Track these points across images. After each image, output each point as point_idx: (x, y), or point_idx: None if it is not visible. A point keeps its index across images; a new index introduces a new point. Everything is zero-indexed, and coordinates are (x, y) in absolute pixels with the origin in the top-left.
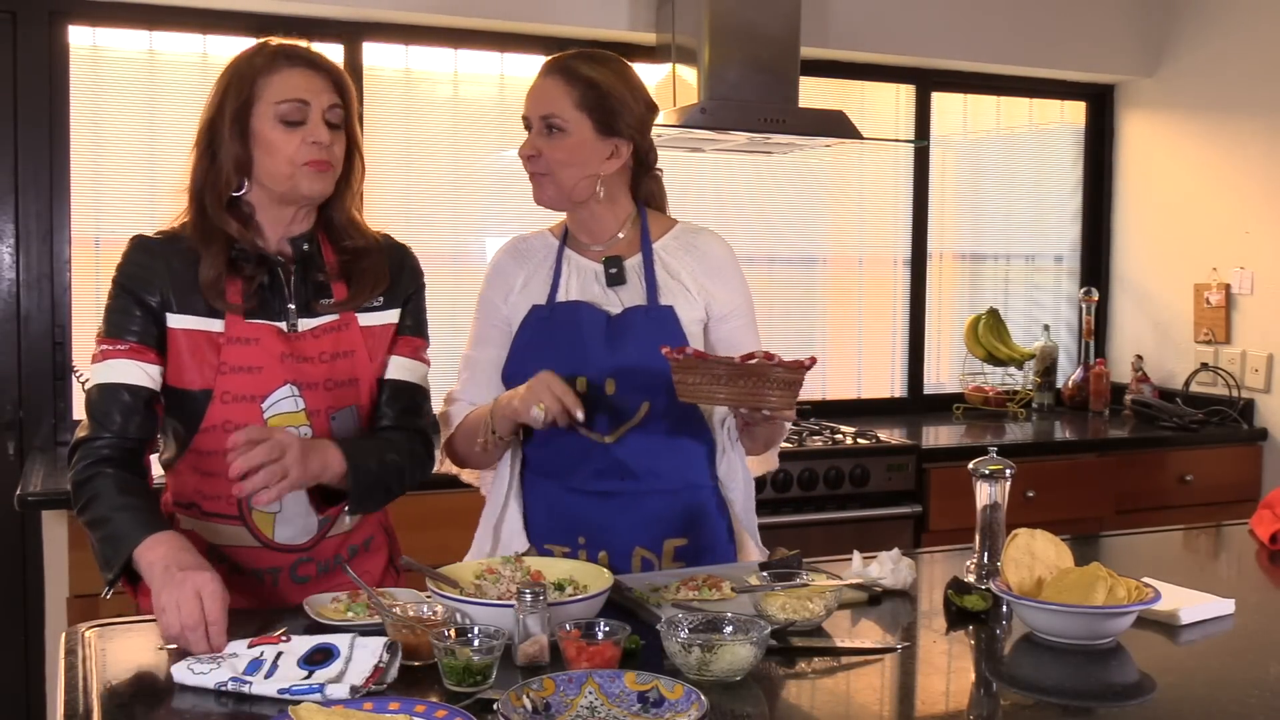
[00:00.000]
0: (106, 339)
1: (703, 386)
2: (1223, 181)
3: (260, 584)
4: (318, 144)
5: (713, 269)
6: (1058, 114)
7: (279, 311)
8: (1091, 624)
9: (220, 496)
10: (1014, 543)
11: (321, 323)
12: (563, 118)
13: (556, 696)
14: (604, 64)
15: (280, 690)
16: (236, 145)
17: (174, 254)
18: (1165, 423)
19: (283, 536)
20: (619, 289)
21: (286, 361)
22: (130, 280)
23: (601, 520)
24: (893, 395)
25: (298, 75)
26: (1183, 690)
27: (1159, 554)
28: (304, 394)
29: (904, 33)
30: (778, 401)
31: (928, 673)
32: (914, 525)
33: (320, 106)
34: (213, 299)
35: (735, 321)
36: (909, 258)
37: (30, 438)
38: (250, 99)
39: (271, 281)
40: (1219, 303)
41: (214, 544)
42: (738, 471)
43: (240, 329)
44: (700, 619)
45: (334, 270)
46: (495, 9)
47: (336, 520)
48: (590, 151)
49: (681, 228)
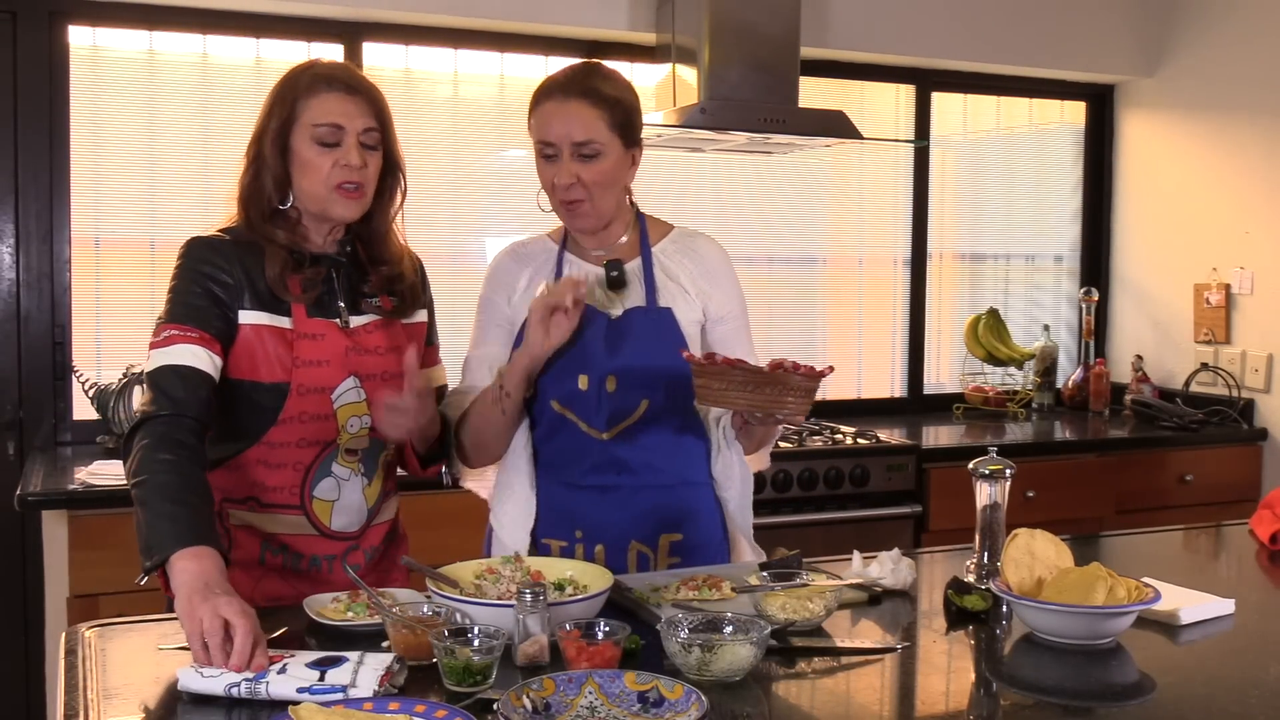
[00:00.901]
0: (174, 324)
1: (723, 391)
2: (1223, 181)
3: (317, 570)
4: (349, 166)
5: (710, 272)
6: (1058, 114)
7: (332, 309)
8: (1091, 624)
9: (283, 487)
10: (1014, 543)
11: (370, 320)
12: (600, 142)
13: (556, 696)
14: (611, 78)
15: (300, 689)
16: (276, 163)
17: (241, 251)
18: (1165, 423)
19: (338, 524)
20: (619, 291)
21: (350, 355)
22: (203, 271)
23: (598, 514)
24: (893, 395)
25: (335, 99)
26: (1183, 690)
27: (1159, 554)
28: (365, 385)
29: (904, 33)
30: (794, 408)
31: (928, 673)
32: (914, 525)
33: (355, 130)
34: (279, 290)
35: (731, 324)
36: (909, 258)
37: (30, 438)
38: (291, 118)
39: (324, 279)
40: (1219, 303)
41: (273, 533)
42: (734, 470)
43: (306, 325)
44: (700, 619)
45: (376, 284)
46: (495, 9)
47: (382, 509)
48: (621, 168)
49: (679, 232)
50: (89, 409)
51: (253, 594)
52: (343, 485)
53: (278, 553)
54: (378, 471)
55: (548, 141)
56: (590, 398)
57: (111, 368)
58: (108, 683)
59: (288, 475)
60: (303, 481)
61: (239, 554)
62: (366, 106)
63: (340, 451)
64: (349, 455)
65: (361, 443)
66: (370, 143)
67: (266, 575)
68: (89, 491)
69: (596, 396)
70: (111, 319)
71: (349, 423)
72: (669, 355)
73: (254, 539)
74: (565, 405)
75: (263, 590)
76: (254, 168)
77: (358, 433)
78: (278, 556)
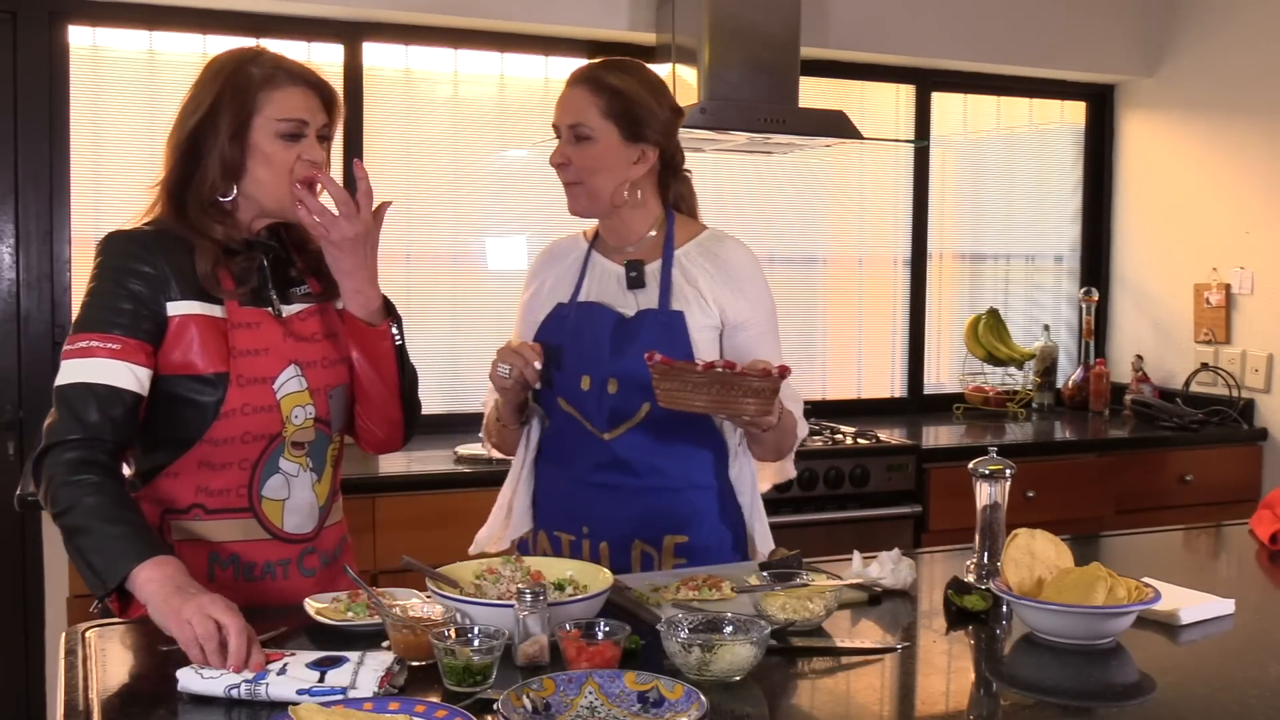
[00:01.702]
0: (89, 333)
1: (679, 393)
2: (1223, 181)
3: (272, 578)
4: (312, 161)
5: (730, 278)
6: (1058, 114)
7: (264, 297)
8: (1091, 624)
9: (230, 489)
10: (1014, 543)
11: (303, 307)
12: (590, 126)
13: (556, 696)
14: (628, 71)
15: (299, 691)
16: (234, 152)
17: (166, 245)
18: (1165, 423)
19: (290, 525)
20: (638, 292)
21: (288, 341)
22: (125, 267)
23: (603, 512)
24: (893, 395)
25: (298, 95)
26: (1183, 690)
27: (1159, 554)
28: (306, 373)
29: (904, 33)
30: (754, 409)
31: (928, 673)
32: (914, 525)
33: (315, 125)
34: (209, 285)
35: (751, 331)
36: (909, 258)
37: (30, 438)
38: (250, 111)
39: (259, 268)
40: (1219, 303)
41: (221, 543)
42: (746, 475)
43: (239, 314)
44: (700, 619)
45: (303, 267)
46: (495, 9)
47: (332, 510)
48: (617, 158)
49: (708, 235)
50: None
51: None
52: (292, 482)
53: (226, 565)
54: (326, 468)
55: (555, 124)
56: (592, 398)
57: None
58: (107, 682)
59: (233, 475)
60: (250, 480)
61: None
62: (322, 102)
63: (286, 445)
64: (295, 449)
65: (308, 435)
66: (325, 135)
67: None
68: None
69: (598, 397)
70: None
71: (293, 413)
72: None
73: (200, 554)
74: (571, 404)
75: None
76: (192, 158)
77: (303, 424)
78: (227, 569)
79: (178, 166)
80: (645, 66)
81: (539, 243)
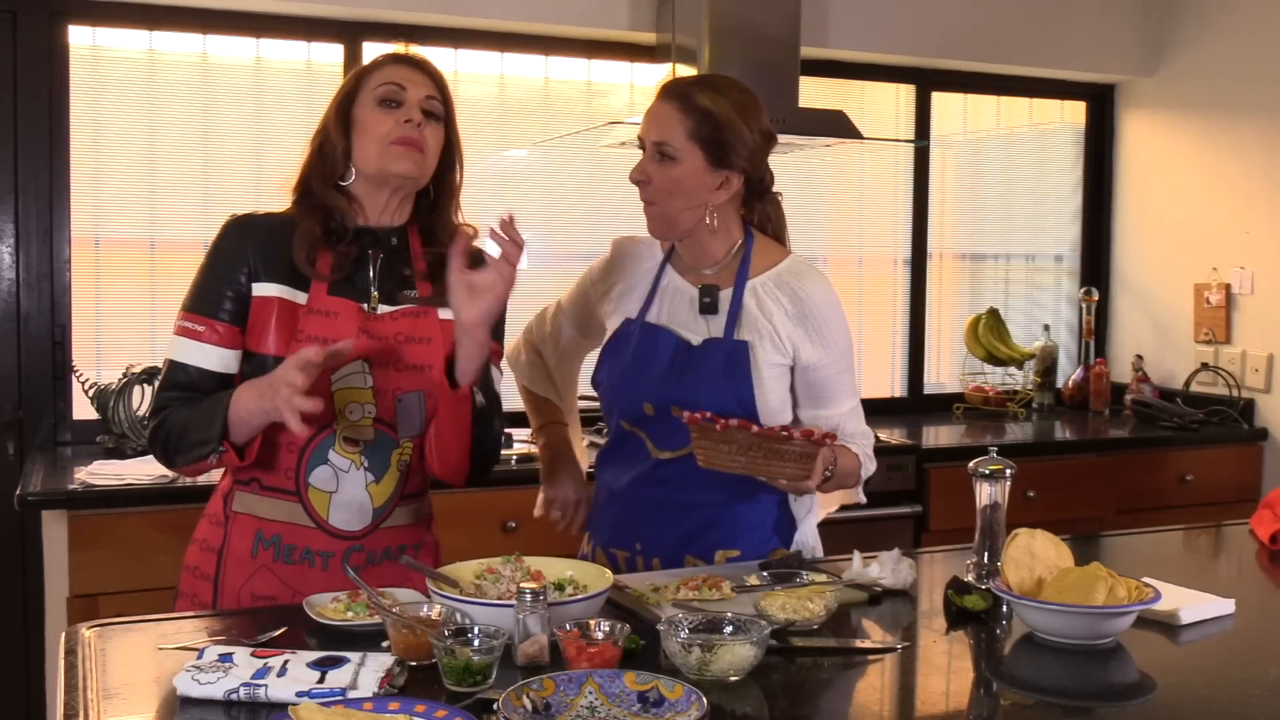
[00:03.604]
0: (190, 314)
1: (715, 453)
2: (1223, 181)
3: (309, 567)
4: (410, 122)
5: (807, 316)
6: (1058, 114)
7: (362, 291)
8: (1092, 624)
9: (280, 469)
10: (1014, 543)
11: (401, 308)
12: (674, 146)
13: (556, 696)
14: (721, 92)
15: (299, 693)
16: (341, 136)
17: (268, 227)
18: (1165, 423)
19: (337, 520)
20: (709, 318)
21: (362, 337)
22: (220, 256)
23: (653, 527)
24: (893, 395)
25: (399, 68)
26: (1183, 690)
27: (1159, 554)
28: (374, 371)
29: (904, 32)
30: (793, 472)
31: (928, 673)
32: (914, 525)
33: (416, 95)
34: (302, 265)
35: (825, 371)
36: (909, 258)
37: (30, 438)
38: (355, 91)
39: (360, 260)
40: (1219, 302)
41: (268, 520)
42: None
43: (322, 301)
44: (700, 619)
45: (421, 270)
46: (495, 9)
47: (393, 514)
48: (699, 182)
49: (788, 265)
50: (89, 409)
51: (242, 590)
52: (341, 477)
53: (269, 544)
54: (390, 471)
55: (639, 137)
56: (658, 422)
57: (111, 367)
58: (108, 683)
59: (284, 455)
60: (297, 465)
61: (234, 545)
62: (428, 79)
63: (338, 439)
64: (348, 445)
65: (364, 433)
66: (432, 110)
67: (258, 571)
68: (89, 491)
69: (664, 421)
70: (111, 319)
71: (348, 408)
72: (734, 391)
73: (249, 530)
74: (635, 425)
75: (252, 587)
76: (318, 145)
77: (359, 421)
78: (269, 549)
79: (308, 161)
80: (741, 86)
81: (540, 244)
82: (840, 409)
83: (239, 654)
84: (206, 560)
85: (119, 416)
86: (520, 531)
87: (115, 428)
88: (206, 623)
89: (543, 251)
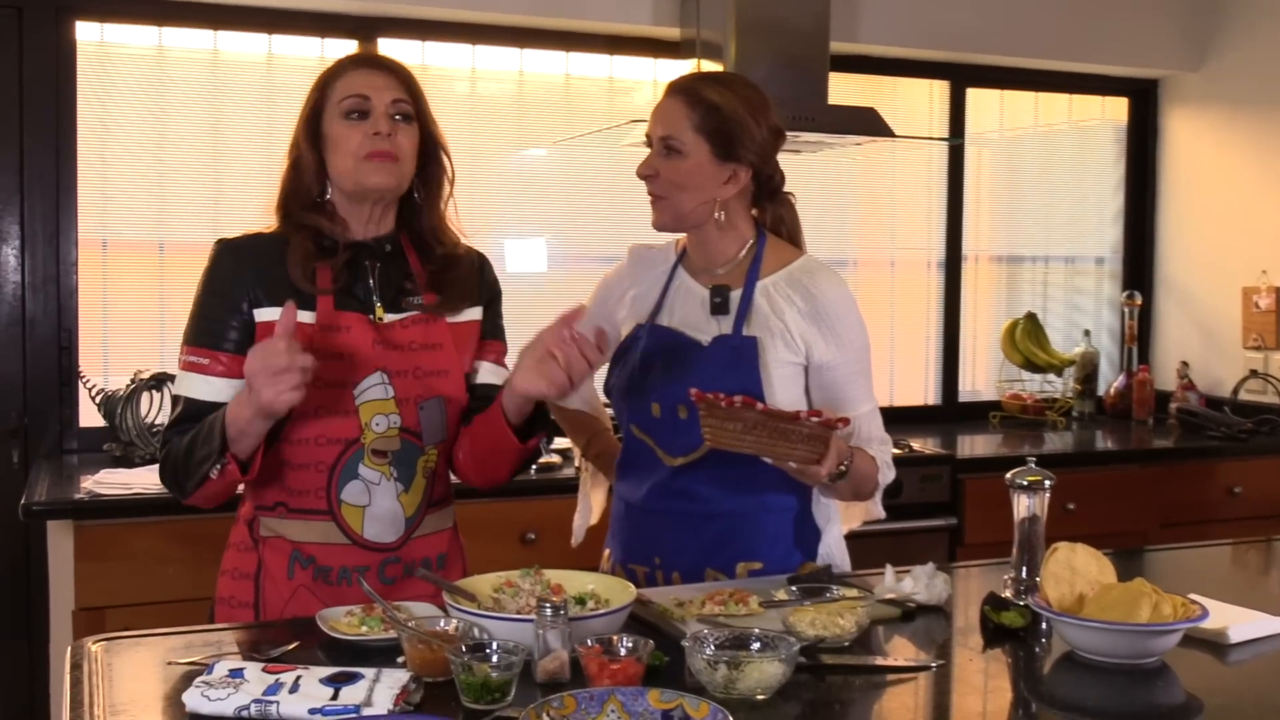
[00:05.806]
0: (195, 349)
1: (724, 431)
2: (1272, 180)
3: (348, 584)
4: (378, 135)
5: (820, 315)
6: (1099, 110)
7: (364, 302)
8: (1136, 642)
9: (309, 491)
10: (1054, 557)
11: (408, 315)
12: (681, 140)
13: (578, 714)
14: (729, 86)
15: (311, 710)
16: (311, 151)
17: (261, 250)
18: (1212, 432)
19: (371, 533)
20: (721, 318)
21: (377, 348)
22: (218, 284)
23: (672, 541)
24: (926, 403)
25: (360, 75)
26: (1232, 712)
27: (1206, 569)
28: (394, 381)
29: (938, 27)
30: (803, 454)
31: (964, 692)
32: (949, 538)
33: (383, 102)
34: (301, 282)
35: (840, 371)
36: (943, 260)
37: (35, 445)
38: (321, 104)
39: (357, 271)
40: (1269, 307)
41: (301, 543)
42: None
43: (332, 318)
44: (726, 635)
45: (423, 279)
46: (514, 3)
47: (424, 521)
48: (706, 176)
49: (801, 264)
50: (96, 416)
51: (284, 613)
52: (373, 490)
53: (306, 565)
54: (416, 479)
55: (647, 134)
56: (663, 425)
57: (119, 373)
58: (114, 699)
59: (312, 477)
60: (328, 484)
61: (269, 568)
62: (394, 80)
63: (366, 452)
64: (377, 457)
65: (391, 444)
66: (400, 113)
67: (297, 592)
68: (95, 501)
69: (670, 424)
70: (119, 323)
71: (374, 421)
72: (739, 385)
73: (283, 552)
74: (644, 431)
75: (293, 608)
76: (291, 163)
77: (385, 432)
78: (307, 569)
79: (285, 179)
80: (749, 82)
81: (559, 246)
82: (857, 412)
83: (250, 669)
84: (242, 588)
85: (126, 424)
86: (539, 543)
87: (123, 435)
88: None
89: (562, 253)
